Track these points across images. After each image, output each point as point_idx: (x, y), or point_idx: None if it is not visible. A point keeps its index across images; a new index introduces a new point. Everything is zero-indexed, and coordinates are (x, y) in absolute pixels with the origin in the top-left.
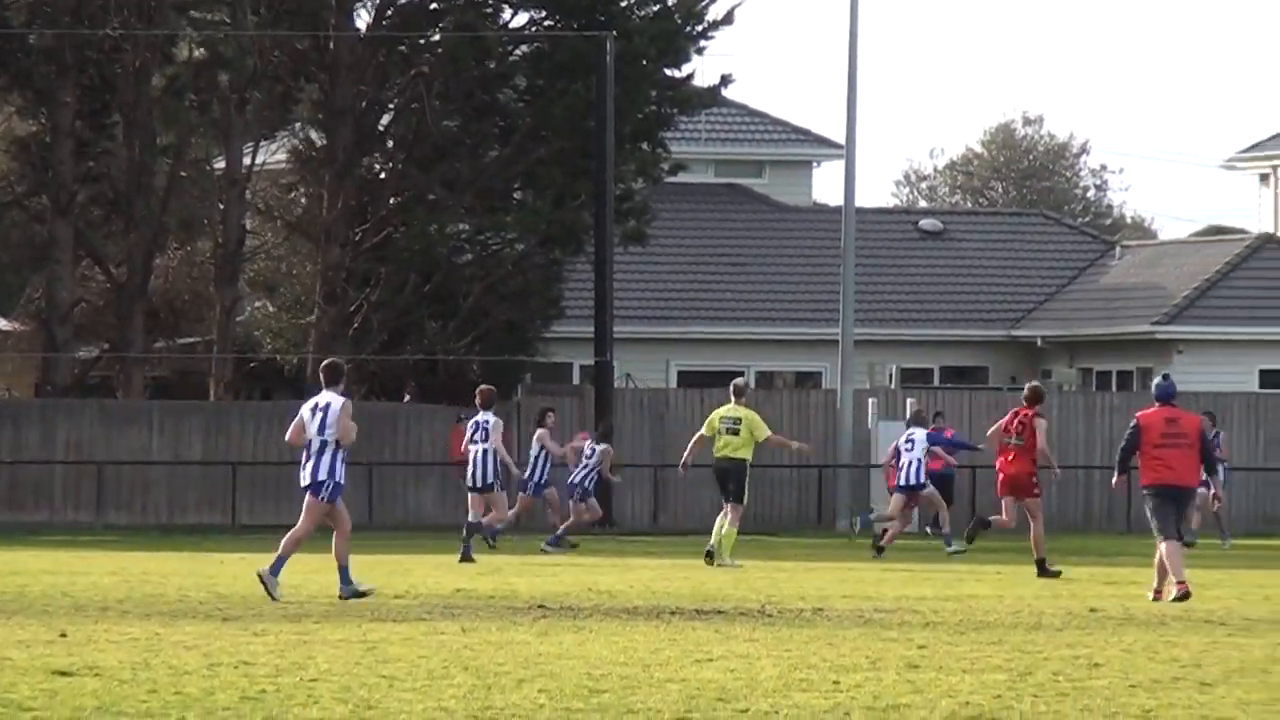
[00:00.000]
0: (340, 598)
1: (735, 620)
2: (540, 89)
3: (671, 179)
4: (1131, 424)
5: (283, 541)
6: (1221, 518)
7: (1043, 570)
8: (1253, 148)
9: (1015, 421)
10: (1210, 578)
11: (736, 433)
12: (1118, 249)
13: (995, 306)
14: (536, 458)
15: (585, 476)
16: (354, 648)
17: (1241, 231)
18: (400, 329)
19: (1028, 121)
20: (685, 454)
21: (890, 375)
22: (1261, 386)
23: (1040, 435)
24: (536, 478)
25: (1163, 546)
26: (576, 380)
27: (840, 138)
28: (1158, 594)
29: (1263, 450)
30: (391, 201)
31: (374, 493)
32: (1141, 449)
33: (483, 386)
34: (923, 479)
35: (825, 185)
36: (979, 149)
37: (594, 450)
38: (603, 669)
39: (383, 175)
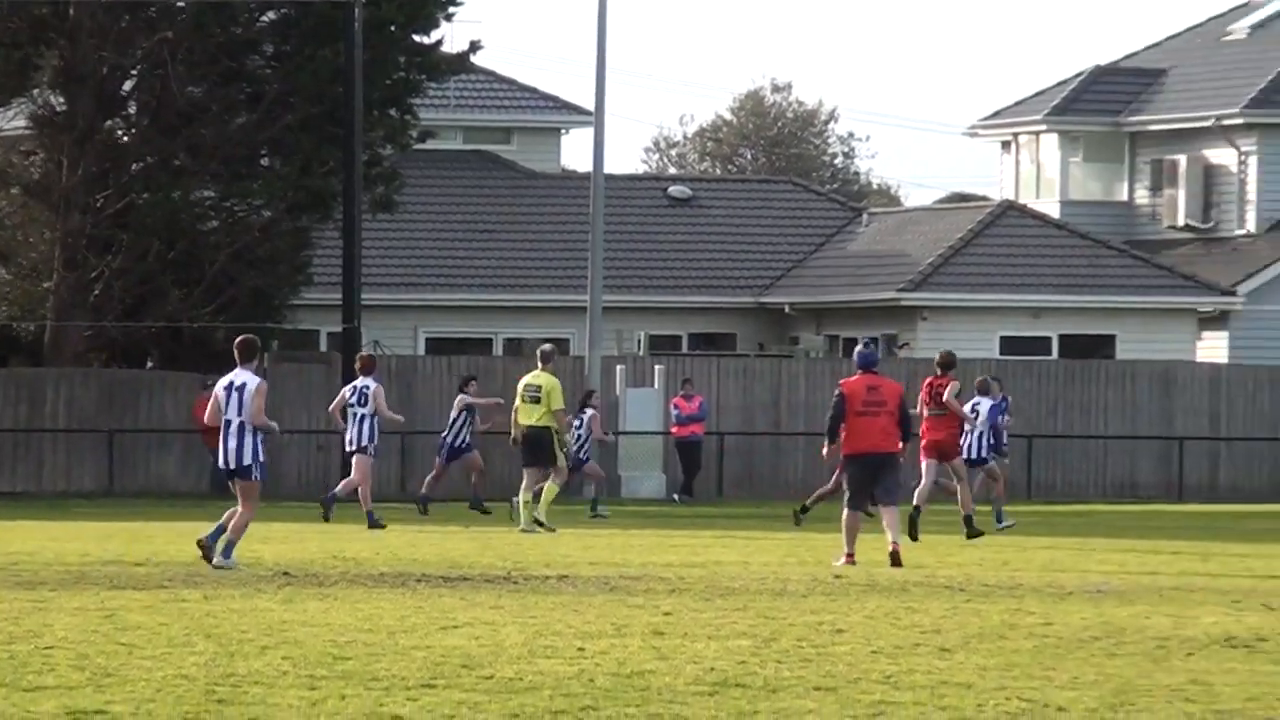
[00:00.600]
0: (214, 565)
1: (481, 587)
2: (288, 55)
3: (420, 146)
4: (836, 392)
5: (231, 527)
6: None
7: (970, 527)
8: (994, 115)
9: (931, 391)
10: (952, 543)
11: (538, 400)
12: (864, 216)
13: (744, 273)
14: (456, 421)
15: (581, 448)
16: (92, 615)
17: (984, 199)
18: (143, 296)
19: (776, 89)
20: (512, 430)
21: (639, 342)
22: (1002, 353)
23: (948, 395)
24: (454, 441)
25: (845, 514)
26: (324, 348)
27: (589, 104)
28: (849, 558)
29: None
30: (135, 167)
31: (115, 460)
32: (844, 417)
33: (364, 354)
34: (984, 453)
35: (574, 152)
36: (728, 116)
37: (582, 420)
38: (347, 636)
39: (125, 141)
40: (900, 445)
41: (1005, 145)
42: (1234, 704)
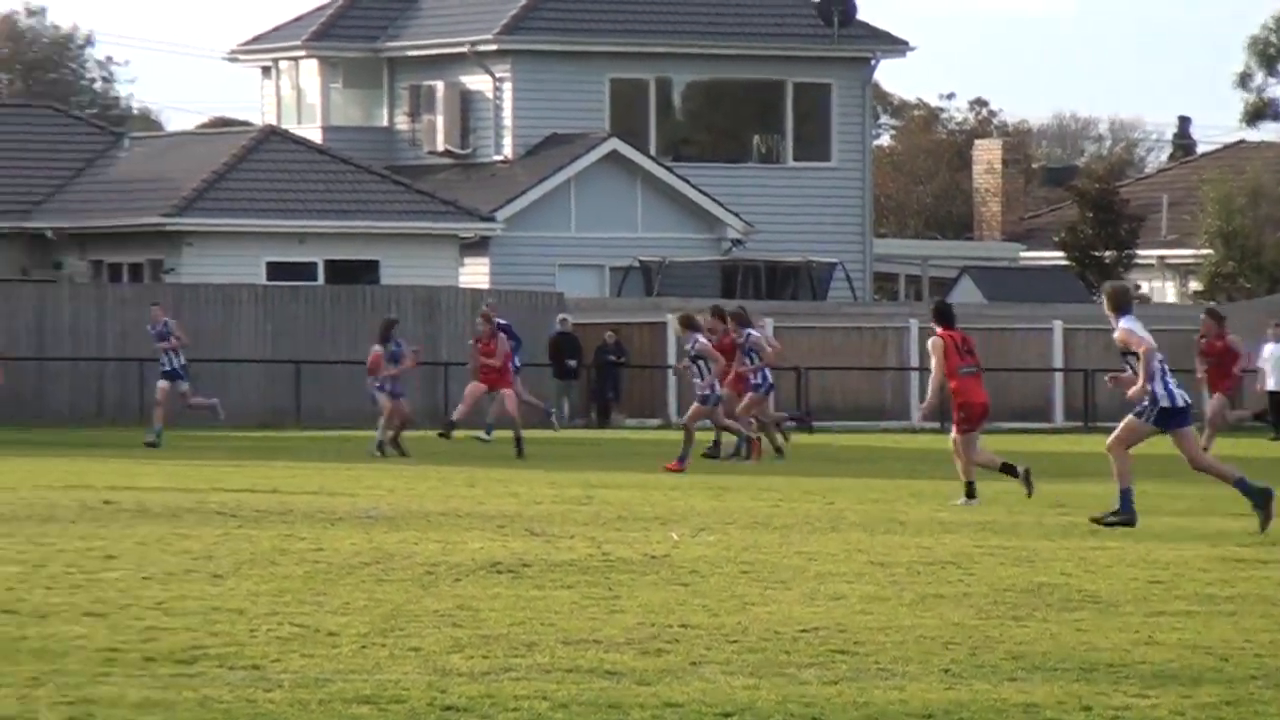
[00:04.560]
0: None
1: None
2: None
3: None
4: None
5: None
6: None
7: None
8: (254, 40)
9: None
10: (219, 470)
11: None
12: (126, 140)
13: (4, 198)
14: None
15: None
16: None
17: (247, 124)
18: None
19: (31, 12)
20: None
21: None
22: (269, 278)
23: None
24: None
25: None
26: None
27: None
28: None
29: (271, 341)
30: None
31: None
32: None
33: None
34: None
35: None
36: None
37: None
38: None
39: None
40: None
41: (266, 71)
42: (500, 628)
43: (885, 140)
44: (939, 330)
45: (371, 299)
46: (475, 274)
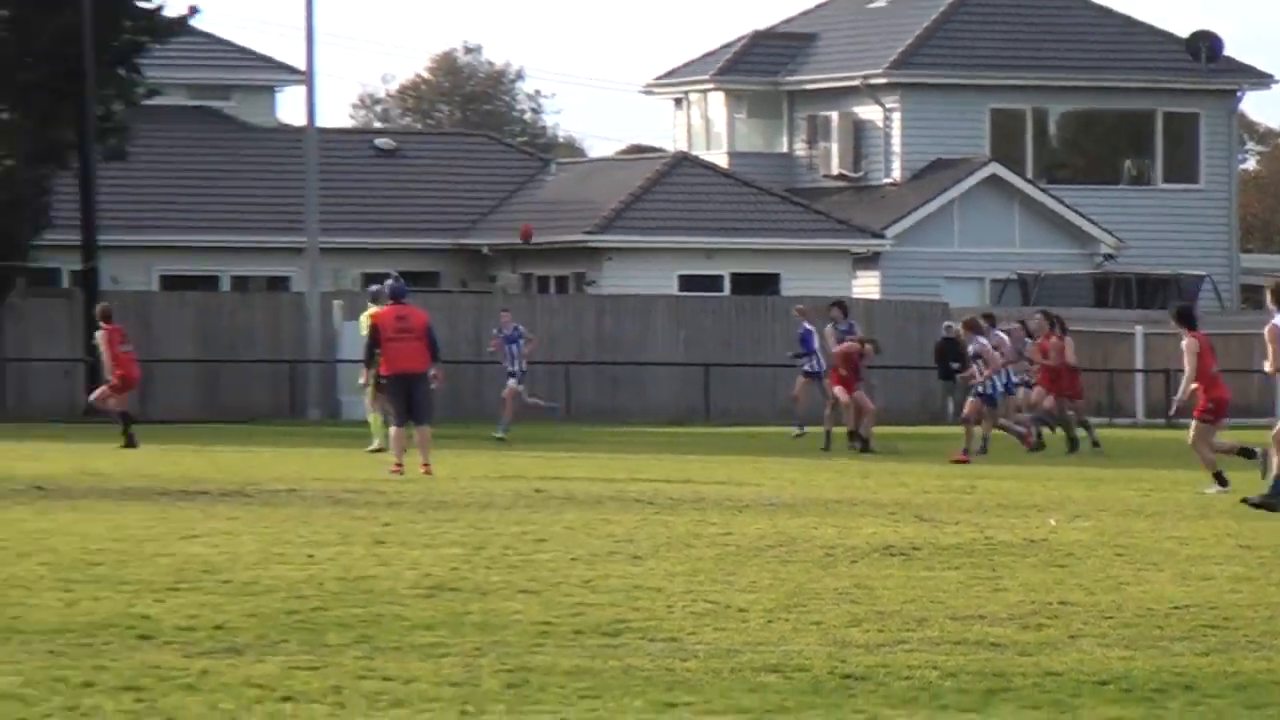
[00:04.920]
0: None
1: (218, 501)
2: (23, 19)
3: (148, 102)
4: (369, 324)
5: None
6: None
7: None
8: (667, 75)
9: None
10: (638, 462)
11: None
12: (553, 166)
13: (445, 218)
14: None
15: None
16: None
17: (660, 150)
18: None
19: (468, 50)
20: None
21: (354, 280)
22: (681, 290)
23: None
24: None
25: (392, 431)
26: (66, 284)
27: (301, 64)
28: (398, 467)
29: (683, 346)
30: None
31: None
32: (379, 343)
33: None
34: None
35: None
36: (426, 75)
37: None
38: (98, 544)
39: None
40: (428, 365)
41: (677, 102)
42: (893, 605)
43: (1250, 165)
44: (1188, 333)
45: (772, 308)
46: (867, 285)
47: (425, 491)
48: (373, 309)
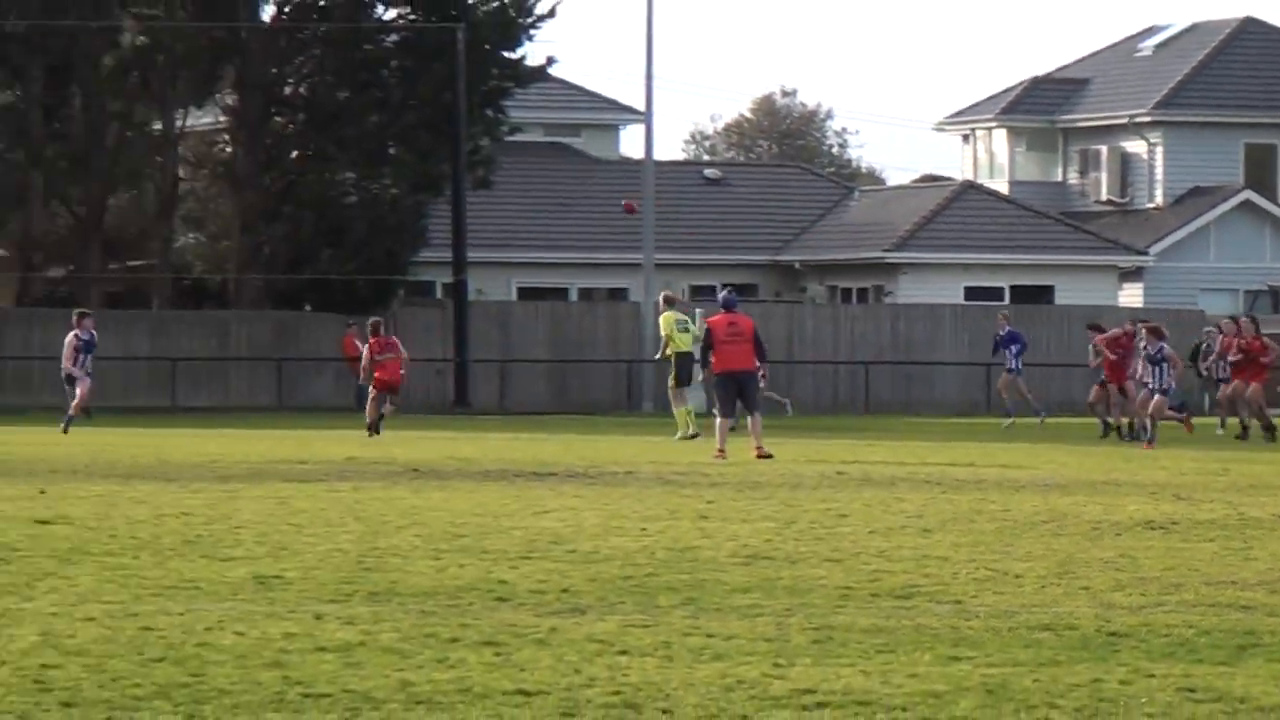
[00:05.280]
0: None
1: (565, 481)
2: (409, 69)
3: (510, 138)
4: (704, 328)
5: None
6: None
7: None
8: (956, 114)
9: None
10: (927, 448)
11: (688, 330)
12: (856, 193)
13: (763, 237)
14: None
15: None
16: (269, 502)
17: (949, 179)
18: (301, 255)
19: (785, 93)
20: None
21: (684, 291)
22: (966, 299)
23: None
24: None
25: (718, 421)
26: (439, 295)
27: (640, 105)
28: (720, 453)
29: (968, 348)
30: (294, 155)
31: (282, 382)
32: (713, 345)
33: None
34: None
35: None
36: (749, 114)
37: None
38: (463, 519)
39: (287, 134)
40: (755, 365)
41: (965, 138)
42: (1154, 573)
43: None
44: None
45: (1047, 316)
46: (1131, 297)
47: (743, 474)
48: (666, 312)
